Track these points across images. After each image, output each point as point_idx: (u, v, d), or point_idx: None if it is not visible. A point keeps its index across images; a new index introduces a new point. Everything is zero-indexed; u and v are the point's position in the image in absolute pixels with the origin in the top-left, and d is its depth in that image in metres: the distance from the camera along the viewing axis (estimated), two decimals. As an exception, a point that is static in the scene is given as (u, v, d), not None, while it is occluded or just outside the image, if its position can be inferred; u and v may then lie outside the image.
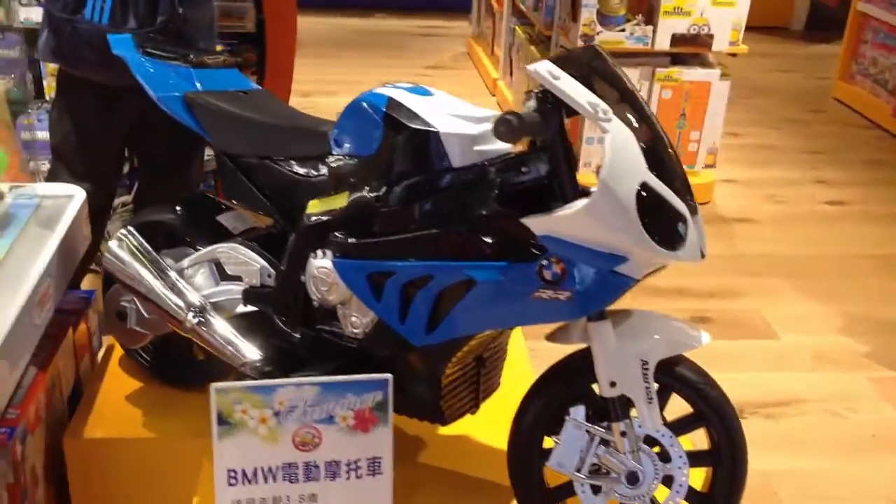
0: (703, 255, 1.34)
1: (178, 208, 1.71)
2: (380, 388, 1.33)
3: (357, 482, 1.36)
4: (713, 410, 1.42)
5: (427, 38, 6.56)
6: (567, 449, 1.38)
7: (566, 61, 1.32)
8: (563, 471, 1.39)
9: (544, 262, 1.29)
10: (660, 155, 1.34)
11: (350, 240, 1.44)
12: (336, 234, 1.45)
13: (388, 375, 1.32)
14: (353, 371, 1.45)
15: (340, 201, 1.47)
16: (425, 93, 1.50)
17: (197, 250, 1.65)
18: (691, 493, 1.44)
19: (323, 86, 5.44)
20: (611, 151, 1.26)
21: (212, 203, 1.71)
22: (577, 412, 1.38)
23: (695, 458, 1.44)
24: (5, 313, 1.46)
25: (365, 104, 1.44)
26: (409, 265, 1.38)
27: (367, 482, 1.37)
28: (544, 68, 1.27)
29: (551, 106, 1.28)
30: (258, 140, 1.57)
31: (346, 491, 1.36)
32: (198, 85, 1.65)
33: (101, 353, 2.03)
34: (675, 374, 1.41)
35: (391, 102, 1.42)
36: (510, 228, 1.31)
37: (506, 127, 1.23)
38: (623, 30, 3.80)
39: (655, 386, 1.37)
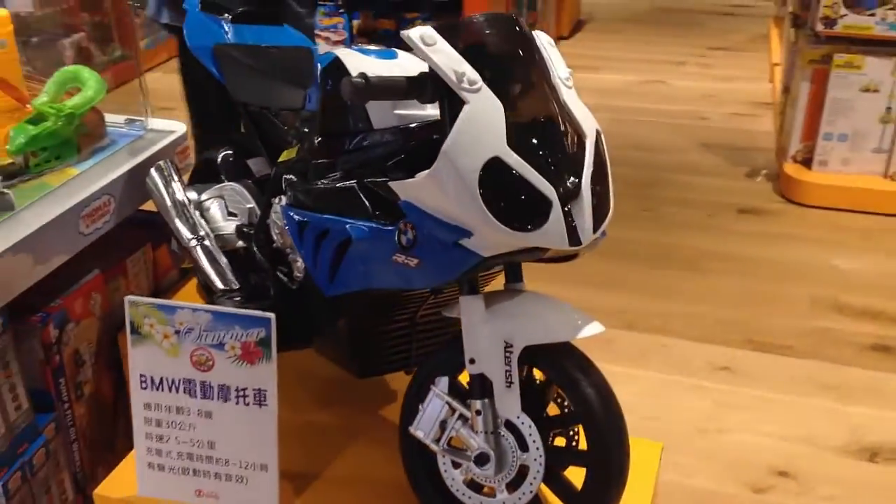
0: (576, 243, 1.25)
1: (225, 148, 1.91)
2: (263, 325, 1.43)
3: (245, 409, 1.48)
4: (588, 412, 1.32)
5: (728, 18, 6.21)
6: (428, 418, 1.38)
7: (458, 28, 1.30)
8: (422, 439, 1.38)
9: (401, 227, 1.30)
10: (545, 132, 1.28)
11: (291, 189, 1.54)
12: (285, 182, 1.56)
13: (272, 315, 1.41)
14: (293, 312, 1.58)
15: (293, 153, 1.57)
16: (389, 56, 1.54)
17: None
18: (563, 488, 1.37)
19: (589, 61, 5.41)
20: (460, 122, 1.23)
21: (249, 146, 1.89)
22: (441, 383, 1.37)
23: (567, 455, 1.36)
24: (43, 217, 1.76)
25: (319, 64, 1.53)
26: (317, 217, 1.45)
27: (254, 411, 1.47)
28: (418, 33, 1.27)
29: (427, 72, 1.28)
30: (259, 91, 1.71)
31: (236, 414, 1.48)
32: (229, 37, 1.83)
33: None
34: (554, 365, 1.34)
35: (333, 62, 1.48)
36: (385, 191, 1.33)
37: (349, 88, 1.25)
38: (874, 14, 3.38)
39: (517, 370, 1.31)
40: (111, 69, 2.67)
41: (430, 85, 1.27)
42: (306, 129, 1.56)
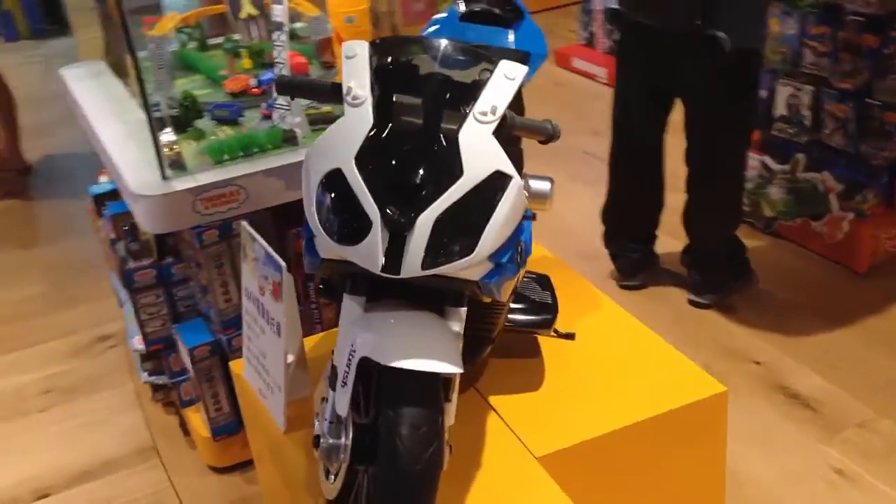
0: (391, 272, 1.26)
1: None
2: (278, 270, 1.70)
3: (274, 336, 1.78)
4: (386, 440, 1.30)
5: None
6: (318, 391, 1.51)
7: (389, 46, 1.36)
8: (315, 407, 1.52)
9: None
10: (405, 159, 1.29)
11: None
12: None
13: (283, 263, 1.68)
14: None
15: None
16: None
17: None
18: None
19: None
20: (327, 131, 1.32)
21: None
22: (328, 365, 1.48)
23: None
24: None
25: None
26: None
27: (275, 339, 1.77)
28: (351, 45, 1.37)
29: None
30: None
31: (271, 337, 1.79)
32: (449, 34, 1.97)
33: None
34: (386, 386, 1.34)
35: None
36: None
37: (282, 84, 1.42)
38: None
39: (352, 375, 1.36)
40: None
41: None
42: None
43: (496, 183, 1.30)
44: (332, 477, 1.45)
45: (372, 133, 1.31)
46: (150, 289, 2.39)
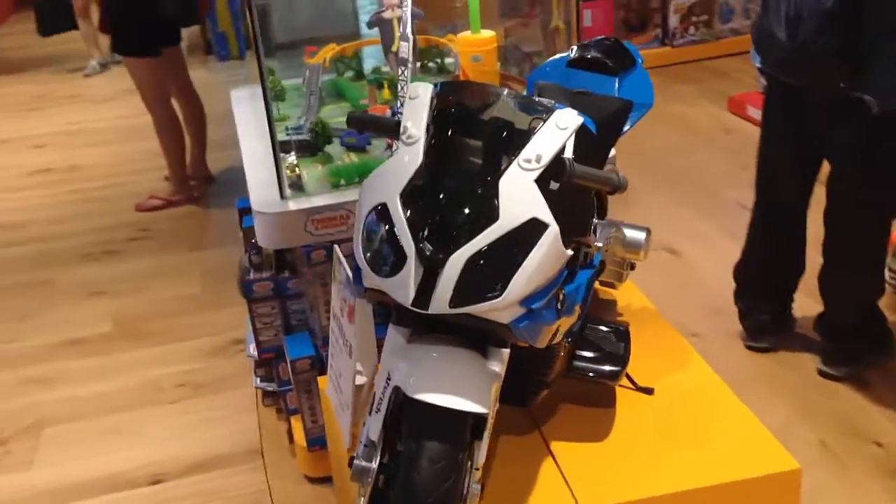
0: (420, 306, 1.30)
1: None
2: (352, 293, 1.77)
3: (347, 356, 1.85)
4: (402, 472, 1.33)
5: None
6: (364, 414, 1.56)
7: (451, 89, 1.41)
8: (361, 427, 1.58)
9: None
10: (447, 199, 1.33)
11: None
12: None
13: (362, 288, 1.75)
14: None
15: None
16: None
17: None
18: None
19: None
20: (381, 166, 1.38)
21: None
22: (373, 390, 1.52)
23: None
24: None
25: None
26: None
27: (349, 360, 1.83)
28: (414, 86, 1.43)
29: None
30: None
31: (345, 357, 1.86)
32: (556, 78, 1.98)
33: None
34: (412, 418, 1.37)
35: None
36: None
37: (351, 119, 1.49)
38: None
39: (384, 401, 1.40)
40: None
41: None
42: None
43: (532, 230, 1.32)
44: (362, 499, 1.50)
45: (419, 171, 1.36)
46: (266, 300, 2.54)
